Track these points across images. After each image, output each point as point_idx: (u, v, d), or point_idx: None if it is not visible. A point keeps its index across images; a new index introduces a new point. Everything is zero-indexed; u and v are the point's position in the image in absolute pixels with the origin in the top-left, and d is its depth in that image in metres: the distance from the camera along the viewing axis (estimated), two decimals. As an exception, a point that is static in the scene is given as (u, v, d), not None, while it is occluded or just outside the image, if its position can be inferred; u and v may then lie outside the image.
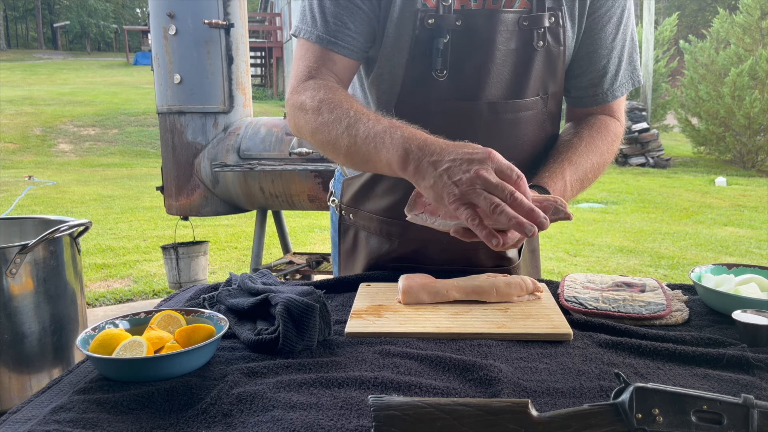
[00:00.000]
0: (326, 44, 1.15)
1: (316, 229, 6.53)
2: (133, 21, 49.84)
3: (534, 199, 0.97)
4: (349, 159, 1.08)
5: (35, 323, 2.04)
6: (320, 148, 1.14)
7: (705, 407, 0.63)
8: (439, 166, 0.91)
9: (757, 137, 11.83)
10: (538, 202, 0.97)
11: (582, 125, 1.27)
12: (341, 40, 1.15)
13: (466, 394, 0.78)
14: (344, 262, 1.39)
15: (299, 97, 1.14)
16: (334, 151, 1.10)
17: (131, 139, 13.30)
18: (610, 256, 5.58)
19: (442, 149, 0.93)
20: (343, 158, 1.09)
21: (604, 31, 1.22)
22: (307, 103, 1.11)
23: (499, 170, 0.90)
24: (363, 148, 1.02)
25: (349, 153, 1.06)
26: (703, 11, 30.14)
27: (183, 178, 3.51)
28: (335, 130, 1.06)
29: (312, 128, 1.11)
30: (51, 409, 0.74)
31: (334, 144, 1.08)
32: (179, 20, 3.35)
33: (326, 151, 1.13)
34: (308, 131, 1.13)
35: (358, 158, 1.05)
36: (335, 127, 1.06)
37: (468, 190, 0.88)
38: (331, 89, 1.11)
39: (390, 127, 1.00)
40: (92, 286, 4.64)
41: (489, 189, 0.88)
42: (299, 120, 1.14)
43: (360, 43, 1.16)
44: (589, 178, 1.21)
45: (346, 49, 1.15)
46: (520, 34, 1.16)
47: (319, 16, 1.15)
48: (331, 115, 1.07)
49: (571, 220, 0.99)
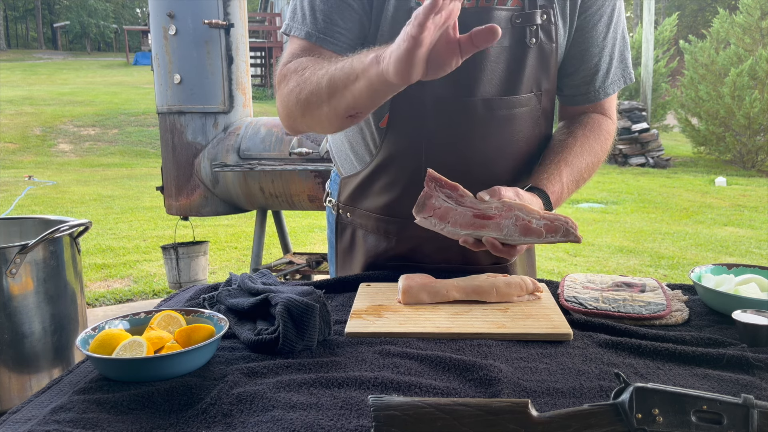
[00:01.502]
0: (315, 40, 1.16)
1: (316, 229, 6.53)
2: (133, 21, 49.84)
3: (545, 216, 0.98)
4: (332, 96, 1.04)
5: (35, 323, 2.04)
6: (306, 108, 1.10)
7: (705, 407, 0.63)
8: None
9: (757, 137, 11.83)
10: (549, 221, 0.97)
11: (575, 124, 1.29)
12: (330, 36, 1.15)
13: (466, 394, 0.78)
14: (341, 261, 1.39)
15: (282, 71, 1.15)
16: (317, 101, 1.07)
17: (131, 139, 13.29)
18: (610, 256, 5.58)
19: None
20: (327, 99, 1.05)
21: (595, 30, 1.24)
22: (291, 67, 1.12)
23: None
24: (340, 73, 1.00)
25: (330, 89, 1.03)
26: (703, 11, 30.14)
27: (183, 178, 3.51)
28: (315, 76, 1.05)
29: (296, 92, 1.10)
30: (51, 409, 0.74)
31: (317, 94, 1.05)
32: (179, 20, 3.35)
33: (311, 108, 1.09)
34: (293, 98, 1.11)
35: (339, 88, 1.02)
36: (316, 74, 1.06)
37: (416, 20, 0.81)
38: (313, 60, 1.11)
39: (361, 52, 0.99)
40: (92, 286, 4.64)
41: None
42: (283, 91, 1.13)
43: (349, 40, 1.17)
44: (584, 177, 1.23)
45: (334, 45, 1.15)
46: (513, 32, 1.17)
47: (309, 14, 1.16)
48: (313, 69, 1.07)
49: (581, 243, 1.00)
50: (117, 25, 45.37)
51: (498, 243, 1.01)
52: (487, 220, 0.99)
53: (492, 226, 0.99)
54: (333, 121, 1.09)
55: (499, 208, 0.99)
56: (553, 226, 0.97)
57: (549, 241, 0.98)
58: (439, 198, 1.02)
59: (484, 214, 1.00)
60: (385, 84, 0.92)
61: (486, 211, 1.00)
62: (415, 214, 1.03)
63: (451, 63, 0.87)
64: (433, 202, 1.02)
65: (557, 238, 0.98)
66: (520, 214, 0.98)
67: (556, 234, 0.97)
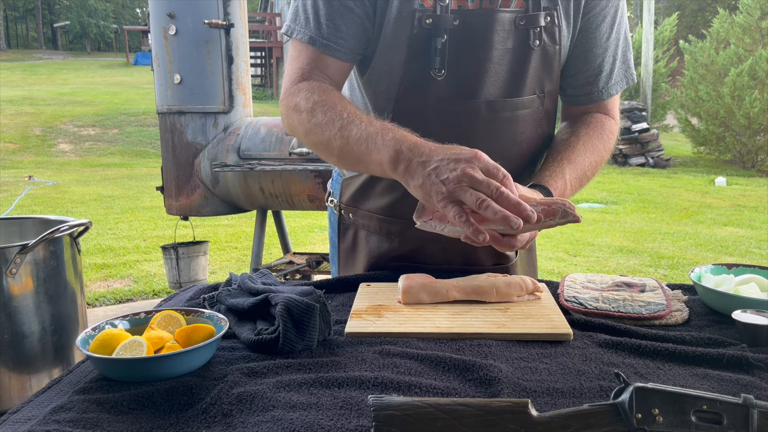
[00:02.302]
0: (319, 46, 1.16)
1: (316, 229, 6.53)
2: (133, 21, 49.84)
3: (541, 201, 0.97)
4: (341, 160, 1.11)
5: (35, 323, 2.04)
6: (313, 148, 1.17)
7: (705, 407, 0.63)
8: (427, 165, 0.94)
9: (757, 137, 11.83)
10: (546, 205, 0.97)
11: (578, 124, 1.29)
12: (334, 42, 1.16)
13: (466, 394, 0.78)
14: (344, 262, 1.39)
15: (293, 99, 1.16)
16: (326, 152, 1.13)
17: (131, 139, 13.30)
18: (610, 256, 5.58)
19: (432, 150, 0.95)
20: (336, 159, 1.12)
21: (599, 31, 1.24)
22: (301, 104, 1.14)
23: (485, 169, 0.91)
24: (355, 148, 1.04)
25: (341, 154, 1.08)
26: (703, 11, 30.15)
27: (183, 178, 3.51)
28: (328, 132, 1.08)
29: (305, 129, 1.14)
30: (51, 409, 0.74)
31: (327, 145, 1.10)
32: (179, 20, 3.35)
33: (319, 151, 1.16)
34: (302, 132, 1.16)
35: (350, 159, 1.08)
36: (328, 128, 1.08)
37: (455, 188, 0.90)
38: (325, 91, 1.13)
39: (382, 129, 1.02)
40: (92, 286, 4.64)
41: (475, 186, 0.89)
42: (293, 121, 1.17)
43: (353, 45, 1.17)
44: (587, 176, 1.23)
45: (339, 51, 1.17)
46: (516, 34, 1.17)
47: (312, 17, 1.16)
48: (324, 117, 1.09)
49: (580, 223, 1.00)
50: (117, 25, 45.38)
51: (497, 234, 1.00)
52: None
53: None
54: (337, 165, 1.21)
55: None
56: (550, 209, 0.97)
57: (549, 224, 0.98)
58: None
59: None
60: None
61: None
62: (416, 219, 1.04)
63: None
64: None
65: (556, 221, 0.97)
66: None
67: (555, 216, 0.97)
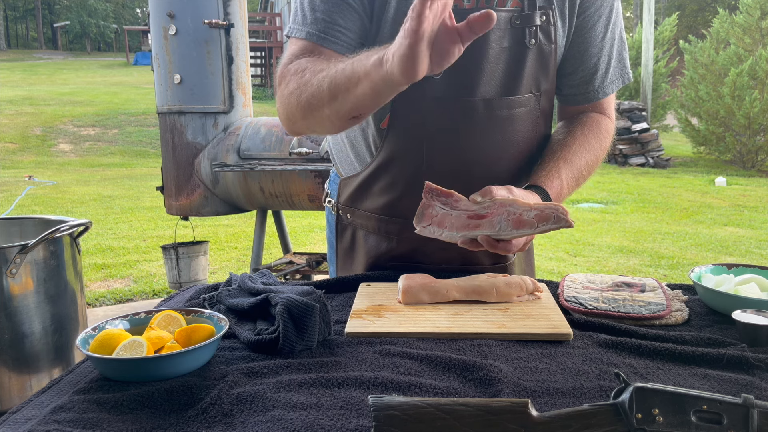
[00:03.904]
0: (315, 39, 1.16)
1: (316, 229, 6.53)
2: (133, 21, 49.83)
3: (535, 207, 0.98)
4: (333, 99, 1.04)
5: (35, 323, 2.04)
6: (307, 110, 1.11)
7: (705, 407, 0.63)
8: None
9: (757, 137, 11.83)
10: (539, 211, 0.98)
11: (574, 124, 1.29)
12: (331, 35, 1.15)
13: (466, 394, 0.78)
14: (342, 262, 1.39)
15: (282, 71, 1.15)
16: (318, 102, 1.07)
17: (131, 139, 13.29)
18: (610, 256, 5.58)
19: None
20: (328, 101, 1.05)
21: (594, 30, 1.25)
22: (291, 69, 1.13)
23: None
24: (341, 76, 1.01)
25: (332, 92, 1.03)
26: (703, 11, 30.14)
27: (183, 178, 3.51)
28: (316, 81, 1.06)
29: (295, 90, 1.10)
30: (51, 409, 0.74)
31: (318, 94, 1.05)
32: (179, 20, 3.35)
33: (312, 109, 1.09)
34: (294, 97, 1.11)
35: (341, 91, 1.02)
36: (316, 78, 1.06)
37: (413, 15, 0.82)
38: (313, 61, 1.11)
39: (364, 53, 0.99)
40: (92, 286, 4.64)
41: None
42: (283, 93, 1.13)
43: (350, 39, 1.17)
44: (583, 175, 1.23)
45: (335, 44, 1.16)
46: (512, 33, 1.18)
47: (309, 14, 1.17)
48: (312, 75, 1.08)
49: (573, 228, 1.00)
50: (117, 25, 45.37)
51: (492, 240, 1.01)
52: (480, 219, 1.01)
53: (485, 224, 1.01)
54: (335, 122, 1.09)
55: (490, 206, 1.00)
56: (543, 215, 0.98)
57: (542, 230, 0.99)
58: (436, 206, 1.05)
59: (477, 214, 1.01)
60: (389, 85, 0.92)
61: (479, 211, 1.01)
62: (415, 224, 1.06)
63: (454, 52, 0.87)
64: (430, 211, 1.05)
65: (549, 226, 0.98)
66: (512, 209, 0.99)
67: (548, 222, 0.98)
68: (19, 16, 47.86)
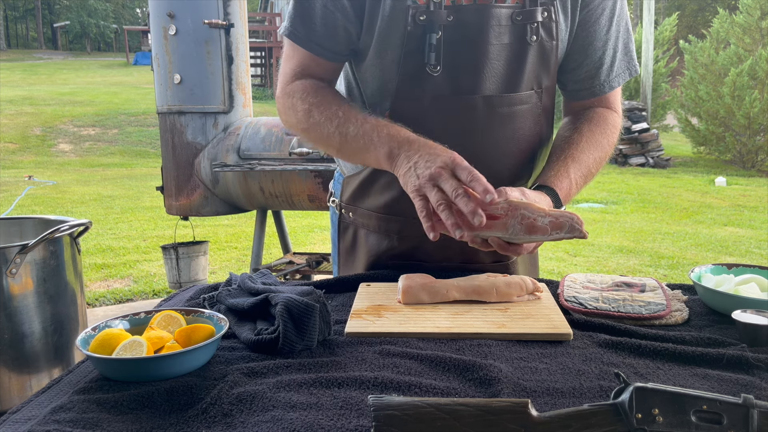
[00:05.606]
0: (306, 48, 1.20)
1: (316, 229, 6.53)
2: (133, 21, 49.83)
3: (550, 213, 0.97)
4: (341, 154, 1.21)
5: (35, 323, 2.04)
6: (312, 144, 1.27)
7: (705, 407, 0.63)
8: (411, 159, 1.03)
9: (757, 137, 11.82)
10: (554, 217, 0.97)
11: (580, 120, 1.28)
12: (319, 45, 1.19)
13: (466, 394, 0.78)
14: (344, 261, 1.39)
15: (289, 100, 1.22)
16: (326, 147, 1.22)
17: (131, 139, 13.29)
18: (610, 256, 5.58)
19: (420, 146, 1.04)
20: (336, 153, 1.23)
21: (598, 23, 1.23)
22: (297, 105, 1.19)
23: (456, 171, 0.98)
24: (353, 145, 1.12)
25: (341, 150, 1.18)
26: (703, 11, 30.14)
27: (183, 178, 3.51)
28: (326, 130, 1.15)
29: (304, 128, 1.21)
30: (51, 409, 0.74)
31: (326, 142, 1.18)
32: (179, 20, 3.35)
33: (318, 146, 1.25)
34: (300, 130, 1.23)
35: (349, 154, 1.17)
36: (326, 127, 1.15)
37: (425, 183, 0.99)
38: (319, 91, 1.19)
39: (377, 125, 1.10)
40: (92, 286, 4.64)
41: (441, 184, 0.98)
42: (290, 119, 1.24)
43: (338, 48, 1.20)
44: (591, 173, 1.22)
45: (330, 52, 1.20)
46: (513, 29, 1.17)
47: (305, 18, 1.18)
48: (321, 116, 1.16)
49: (587, 239, 1.00)
50: (117, 25, 45.37)
51: (503, 242, 1.01)
52: (493, 220, 0.99)
53: (498, 226, 0.99)
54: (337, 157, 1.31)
55: (504, 208, 0.99)
56: (558, 222, 0.97)
57: (555, 238, 0.98)
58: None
59: (490, 214, 0.99)
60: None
61: (492, 212, 1.00)
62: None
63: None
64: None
65: (562, 235, 0.97)
66: (526, 212, 0.98)
67: (562, 230, 0.97)
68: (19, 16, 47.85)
